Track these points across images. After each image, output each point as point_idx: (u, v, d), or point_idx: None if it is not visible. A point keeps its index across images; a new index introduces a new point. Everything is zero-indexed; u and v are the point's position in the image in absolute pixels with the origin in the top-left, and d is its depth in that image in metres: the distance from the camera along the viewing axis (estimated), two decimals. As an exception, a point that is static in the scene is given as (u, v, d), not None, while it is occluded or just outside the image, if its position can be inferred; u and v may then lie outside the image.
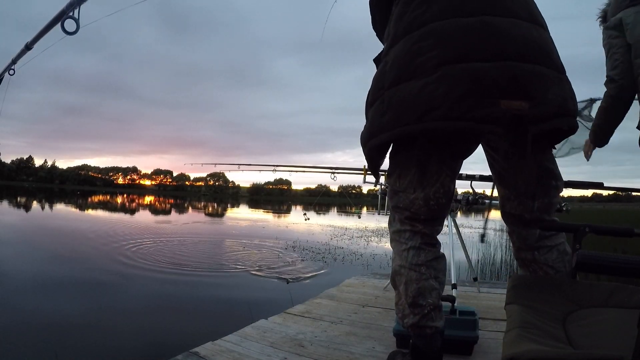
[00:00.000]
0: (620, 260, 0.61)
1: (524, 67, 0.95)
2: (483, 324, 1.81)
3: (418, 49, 1.01)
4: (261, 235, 8.87)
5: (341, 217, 19.51)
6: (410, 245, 1.16)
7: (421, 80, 0.98)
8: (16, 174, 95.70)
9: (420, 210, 1.14)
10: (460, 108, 0.93)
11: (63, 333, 2.56)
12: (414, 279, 1.13)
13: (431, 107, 0.96)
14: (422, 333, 1.13)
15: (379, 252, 6.86)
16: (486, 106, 0.93)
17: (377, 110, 1.09)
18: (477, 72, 0.94)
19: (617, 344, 0.66)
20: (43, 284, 3.80)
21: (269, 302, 3.40)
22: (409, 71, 1.01)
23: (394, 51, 1.08)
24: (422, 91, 0.97)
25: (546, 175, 1.12)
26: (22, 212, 13.79)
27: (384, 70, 1.10)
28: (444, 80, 0.95)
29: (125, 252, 5.71)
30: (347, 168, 3.76)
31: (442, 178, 1.12)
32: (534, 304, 0.85)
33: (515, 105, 0.94)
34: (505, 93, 0.94)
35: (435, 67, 0.97)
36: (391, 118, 1.04)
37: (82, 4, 1.60)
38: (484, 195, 2.58)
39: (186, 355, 1.49)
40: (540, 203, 1.12)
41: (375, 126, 1.09)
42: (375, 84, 1.13)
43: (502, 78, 0.93)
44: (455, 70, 0.95)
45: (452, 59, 0.96)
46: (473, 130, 0.95)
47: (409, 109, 0.99)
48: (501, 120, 0.95)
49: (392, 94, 1.04)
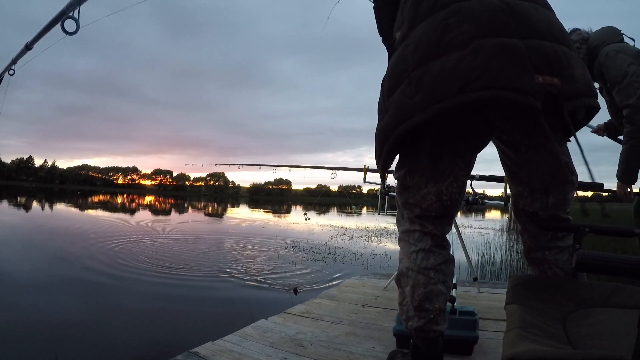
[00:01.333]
0: (620, 260, 0.61)
1: (551, 46, 0.93)
2: (483, 324, 1.81)
3: (445, 25, 0.95)
4: (261, 235, 8.86)
5: (341, 217, 19.51)
6: (420, 248, 1.12)
7: (454, 55, 0.92)
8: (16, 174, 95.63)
9: (432, 206, 1.10)
10: (501, 78, 0.88)
11: (63, 333, 2.55)
12: (421, 283, 1.10)
13: (471, 78, 0.89)
14: (426, 336, 1.12)
15: (379, 252, 6.86)
16: (526, 79, 0.88)
17: (403, 94, 0.99)
18: (510, 46, 0.90)
19: (617, 344, 0.65)
20: (42, 283, 3.80)
21: (269, 302, 3.40)
22: (438, 48, 0.95)
23: (415, 33, 1.02)
24: (459, 64, 0.90)
25: (561, 169, 1.06)
26: (22, 212, 13.79)
27: (405, 52, 1.02)
28: (480, 52, 0.90)
29: (125, 252, 5.71)
30: (347, 168, 3.77)
31: (456, 171, 1.07)
32: (534, 304, 0.85)
33: (549, 80, 0.90)
34: (538, 69, 0.90)
35: (467, 41, 0.91)
36: (424, 97, 0.94)
37: (82, 4, 1.60)
38: (484, 195, 2.58)
39: (186, 355, 1.49)
40: (555, 199, 1.07)
41: (404, 110, 0.98)
42: (396, 68, 1.04)
43: (533, 54, 0.90)
44: (489, 44, 0.90)
45: (483, 34, 0.92)
46: (518, 101, 0.88)
47: (446, 84, 0.91)
48: (538, 95, 0.89)
49: (422, 73, 0.96)
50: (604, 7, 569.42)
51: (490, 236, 8.78)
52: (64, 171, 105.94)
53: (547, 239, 1.11)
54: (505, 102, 0.90)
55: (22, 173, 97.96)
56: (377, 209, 2.99)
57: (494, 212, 24.35)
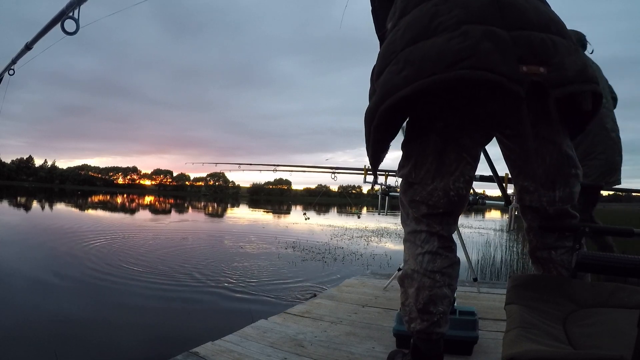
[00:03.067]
0: (620, 260, 0.61)
1: (539, 36, 0.93)
2: (483, 324, 1.81)
3: (436, 11, 0.97)
4: (261, 235, 8.86)
5: (341, 217, 19.51)
6: (427, 250, 1.10)
7: (443, 36, 0.93)
8: (16, 174, 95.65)
9: (440, 203, 1.08)
10: (489, 61, 0.88)
11: (63, 333, 2.56)
12: (427, 286, 1.08)
13: (460, 57, 0.89)
14: (428, 338, 1.11)
15: (379, 252, 6.86)
16: (511, 67, 0.89)
17: (390, 71, 0.98)
18: (497, 35, 0.91)
19: (617, 344, 0.65)
20: (42, 283, 3.80)
21: (269, 302, 3.40)
22: (428, 31, 0.96)
23: (406, 18, 1.03)
24: (449, 43, 0.91)
25: (566, 162, 1.05)
26: (22, 212, 13.79)
27: (395, 37, 1.02)
28: (469, 35, 0.90)
29: (125, 252, 5.71)
30: (347, 168, 3.77)
31: (462, 165, 1.06)
32: (534, 304, 0.85)
33: (533, 69, 0.91)
34: (523, 60, 0.90)
35: (457, 24, 0.92)
36: (412, 72, 0.93)
37: (82, 4, 1.60)
38: (484, 195, 2.58)
39: (186, 355, 1.49)
40: (562, 192, 1.06)
41: (390, 85, 0.96)
42: (385, 51, 1.04)
43: (518, 45, 0.91)
44: (477, 29, 0.91)
45: (472, 20, 0.93)
46: (503, 85, 0.88)
47: (435, 60, 0.91)
48: (523, 83, 0.89)
49: (410, 51, 0.96)
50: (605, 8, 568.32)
51: (490, 236, 8.79)
52: (64, 171, 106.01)
53: (554, 238, 1.10)
54: (490, 85, 0.89)
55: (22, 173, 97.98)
56: (377, 208, 2.99)
57: (494, 212, 24.36)
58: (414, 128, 1.12)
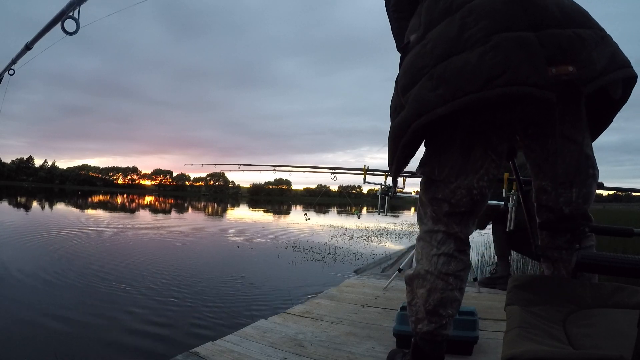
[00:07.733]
0: (620, 260, 0.61)
1: (564, 33, 0.93)
2: (483, 324, 1.81)
3: (463, 24, 0.97)
4: (261, 235, 8.87)
5: (341, 217, 19.51)
6: (443, 252, 1.09)
7: (475, 51, 0.93)
8: (16, 174, 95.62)
9: (462, 201, 1.07)
10: (521, 73, 0.89)
11: (63, 333, 2.55)
12: (439, 288, 1.07)
13: (495, 73, 0.90)
14: (433, 340, 1.11)
15: (379, 252, 6.86)
16: (541, 73, 0.90)
17: (423, 87, 0.98)
18: (525, 42, 0.91)
19: (617, 344, 0.66)
20: (42, 283, 3.80)
21: (269, 302, 3.40)
22: (458, 45, 0.96)
23: (433, 33, 1.03)
24: (482, 59, 0.91)
25: (585, 162, 1.04)
26: (22, 211, 13.79)
27: (424, 50, 1.02)
28: (500, 48, 0.91)
29: (125, 252, 5.71)
30: (348, 168, 3.77)
31: (487, 164, 1.05)
32: (534, 305, 0.85)
33: (562, 70, 0.91)
34: (551, 61, 0.91)
35: (487, 37, 0.93)
36: (448, 90, 0.94)
37: (82, 4, 1.60)
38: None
39: (186, 356, 1.49)
40: (579, 192, 1.05)
41: (425, 102, 0.97)
42: (413, 65, 1.03)
43: (546, 46, 0.91)
44: (505, 38, 0.92)
45: (499, 29, 0.93)
46: (535, 95, 0.89)
47: (470, 78, 0.92)
48: (553, 88, 0.90)
49: (444, 67, 0.96)
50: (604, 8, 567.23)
51: (490, 236, 8.76)
52: (64, 171, 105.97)
53: (565, 239, 1.10)
54: (526, 97, 0.90)
55: (22, 173, 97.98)
56: (377, 209, 2.98)
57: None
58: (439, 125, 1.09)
